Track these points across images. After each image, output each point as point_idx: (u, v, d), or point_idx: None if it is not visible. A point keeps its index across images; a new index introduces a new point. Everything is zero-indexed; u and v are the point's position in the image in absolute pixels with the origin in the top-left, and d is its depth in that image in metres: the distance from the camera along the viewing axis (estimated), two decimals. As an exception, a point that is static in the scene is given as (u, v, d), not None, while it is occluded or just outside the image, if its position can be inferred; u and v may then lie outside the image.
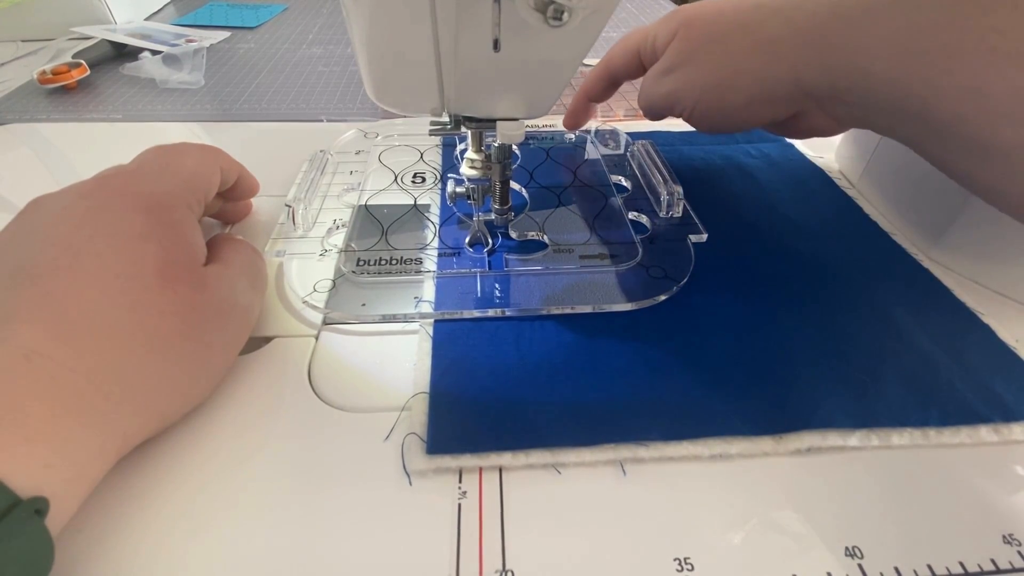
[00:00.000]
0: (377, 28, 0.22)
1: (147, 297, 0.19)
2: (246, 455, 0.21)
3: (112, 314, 0.18)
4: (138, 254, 0.19)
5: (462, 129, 0.26)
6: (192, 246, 0.22)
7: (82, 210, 0.20)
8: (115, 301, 0.18)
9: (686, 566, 0.18)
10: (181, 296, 0.20)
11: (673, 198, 0.32)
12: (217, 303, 0.21)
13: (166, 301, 0.19)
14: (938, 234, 0.30)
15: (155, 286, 0.19)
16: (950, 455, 0.21)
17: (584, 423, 0.21)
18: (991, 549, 0.18)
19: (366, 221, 0.32)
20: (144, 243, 0.20)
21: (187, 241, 0.22)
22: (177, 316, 0.19)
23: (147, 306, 0.19)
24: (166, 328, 0.19)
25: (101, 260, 0.19)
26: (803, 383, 0.23)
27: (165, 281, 0.19)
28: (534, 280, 0.28)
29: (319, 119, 0.46)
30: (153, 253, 0.20)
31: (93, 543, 0.18)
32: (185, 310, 0.20)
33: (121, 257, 0.19)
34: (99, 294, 0.18)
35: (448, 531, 0.19)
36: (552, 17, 0.18)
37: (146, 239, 0.20)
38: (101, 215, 0.20)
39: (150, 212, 0.21)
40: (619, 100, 0.50)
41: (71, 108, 0.46)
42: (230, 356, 0.23)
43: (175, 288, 0.20)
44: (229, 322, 0.22)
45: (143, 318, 0.19)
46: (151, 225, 0.20)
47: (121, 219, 0.20)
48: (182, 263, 0.21)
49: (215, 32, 0.63)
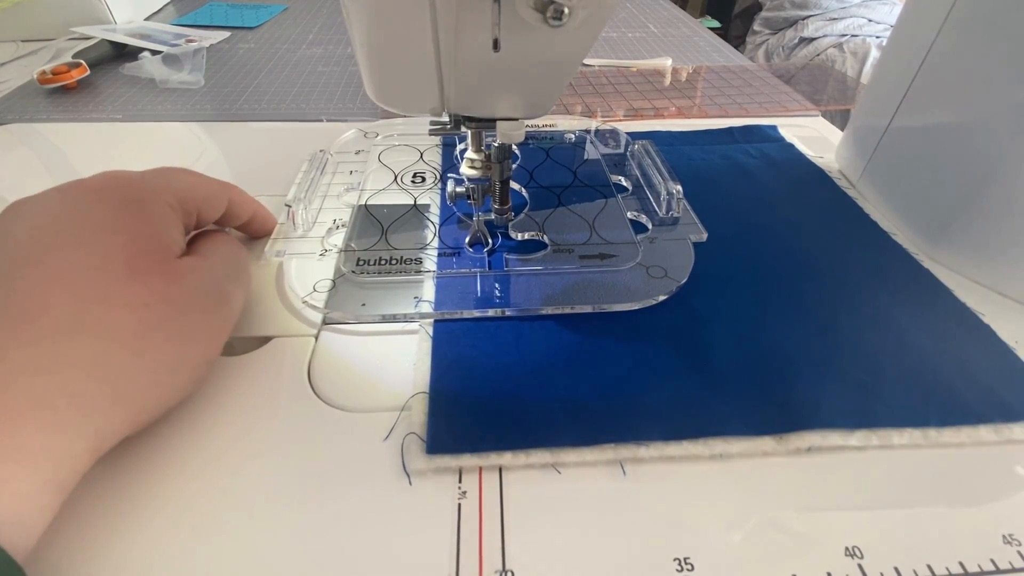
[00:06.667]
0: (377, 28, 0.22)
1: (114, 289, 0.18)
2: (245, 455, 0.21)
3: (76, 309, 0.18)
4: (106, 246, 0.19)
5: (462, 129, 0.26)
6: (165, 238, 0.21)
7: (55, 205, 0.20)
8: (80, 296, 0.18)
9: (686, 566, 0.18)
10: (151, 288, 0.19)
11: (673, 198, 0.32)
12: (192, 294, 0.21)
13: (133, 293, 0.19)
14: (938, 234, 0.30)
15: (123, 277, 0.19)
16: (950, 455, 0.21)
17: (584, 423, 0.21)
18: (991, 549, 0.18)
19: (366, 221, 0.32)
20: (113, 235, 0.19)
21: (159, 233, 0.21)
22: (147, 308, 0.19)
23: (114, 299, 0.18)
24: (135, 321, 0.18)
25: (68, 254, 0.18)
26: (803, 383, 0.23)
27: (134, 273, 0.19)
28: (534, 280, 0.28)
29: (319, 119, 0.46)
30: (122, 245, 0.19)
31: (92, 543, 0.18)
32: (156, 301, 0.19)
33: (89, 250, 0.19)
34: (63, 290, 0.18)
35: (448, 531, 0.19)
36: (552, 17, 0.18)
37: (116, 231, 0.20)
38: (72, 210, 0.20)
39: (123, 206, 0.21)
40: (619, 100, 0.50)
41: (71, 108, 0.46)
42: (211, 348, 0.22)
43: (144, 280, 0.19)
44: (208, 314, 0.21)
45: (109, 312, 0.18)
46: (122, 218, 0.20)
47: (92, 213, 0.20)
48: (153, 254, 0.20)
49: (215, 32, 0.63)
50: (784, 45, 1.53)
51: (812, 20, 1.49)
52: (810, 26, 1.48)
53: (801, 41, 1.49)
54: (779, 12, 1.57)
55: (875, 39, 1.40)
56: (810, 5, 1.50)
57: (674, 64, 0.56)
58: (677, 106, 0.49)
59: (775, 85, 0.53)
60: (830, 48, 1.43)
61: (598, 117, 0.46)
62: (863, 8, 1.46)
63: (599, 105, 0.49)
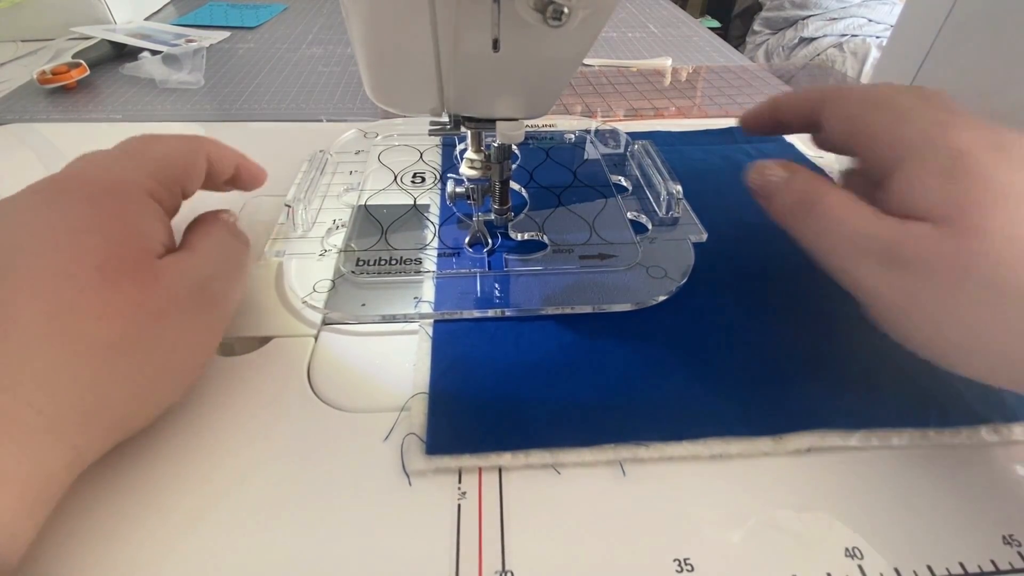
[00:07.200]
0: (376, 28, 0.22)
1: (86, 298, 0.17)
2: (244, 456, 0.21)
3: (45, 320, 0.17)
4: (78, 250, 0.18)
5: (462, 129, 0.26)
6: (142, 237, 0.20)
7: (28, 206, 0.19)
8: (50, 305, 0.17)
9: (686, 566, 0.18)
10: (124, 295, 0.18)
11: (673, 198, 0.32)
12: (172, 298, 0.19)
13: (104, 302, 0.18)
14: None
15: (95, 284, 0.18)
16: (950, 455, 0.21)
17: (584, 423, 0.21)
18: (991, 549, 0.18)
19: (366, 221, 0.32)
20: (86, 237, 0.18)
21: (136, 232, 0.20)
22: (120, 317, 0.18)
23: (83, 309, 0.17)
24: (106, 332, 0.17)
25: (36, 260, 0.18)
26: (803, 383, 0.23)
27: (105, 279, 0.18)
28: (534, 280, 0.28)
29: (319, 119, 0.46)
30: (94, 248, 0.18)
31: (90, 544, 0.18)
32: (130, 310, 0.18)
33: (58, 255, 0.18)
34: (30, 298, 0.17)
35: (448, 531, 0.19)
36: (552, 17, 0.18)
37: (89, 232, 0.18)
38: (46, 210, 0.19)
39: (98, 201, 0.19)
40: (619, 100, 0.50)
41: (71, 108, 0.46)
42: (199, 353, 0.21)
43: (117, 286, 0.18)
44: (192, 318, 0.20)
45: (80, 322, 0.17)
46: (97, 216, 0.19)
47: (65, 212, 0.19)
48: (128, 258, 0.19)
49: (215, 32, 0.63)
50: (784, 45, 1.53)
51: (812, 20, 1.49)
52: (810, 26, 1.49)
53: (801, 41, 1.49)
54: (779, 12, 1.57)
55: (875, 39, 1.40)
56: (810, 5, 1.50)
57: (674, 64, 0.56)
58: (677, 106, 0.49)
59: (775, 85, 0.53)
60: (830, 48, 1.43)
61: (598, 117, 0.46)
62: (863, 8, 1.46)
63: (599, 105, 0.49)
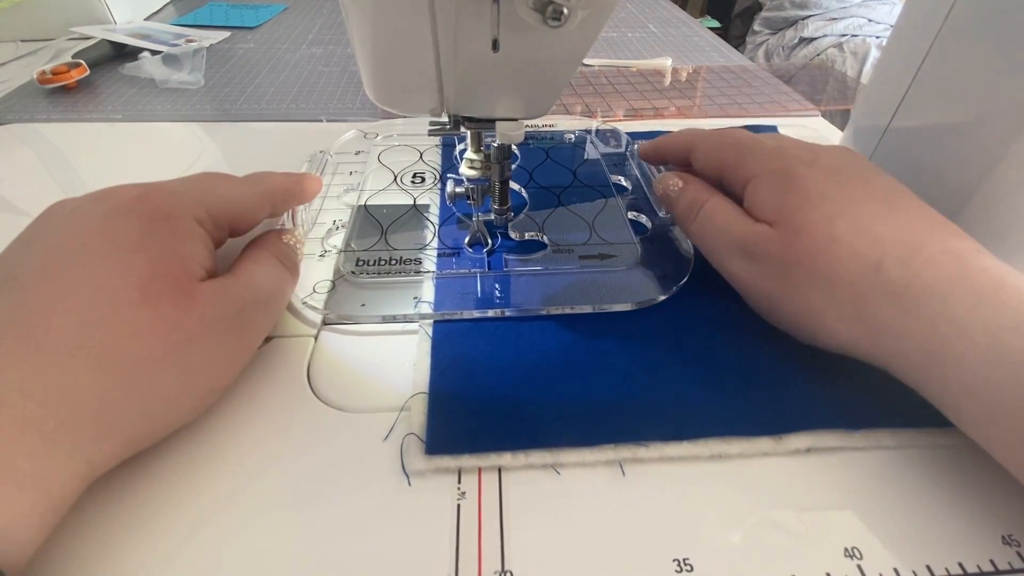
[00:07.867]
0: (376, 28, 0.22)
1: (123, 314, 0.18)
2: (244, 455, 0.21)
3: (80, 332, 0.17)
4: (124, 266, 0.18)
5: (461, 129, 0.26)
6: (186, 260, 0.20)
7: (85, 215, 0.20)
8: (87, 318, 0.17)
9: (685, 566, 0.18)
10: (162, 314, 0.18)
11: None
12: (207, 322, 0.20)
13: (143, 319, 0.18)
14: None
15: (134, 302, 0.18)
16: (950, 455, 0.21)
17: (584, 423, 0.21)
18: (990, 549, 0.18)
19: (365, 221, 0.32)
20: (133, 255, 0.19)
21: (181, 254, 0.20)
22: (154, 337, 0.18)
23: (120, 325, 0.18)
24: (138, 350, 0.18)
25: (84, 271, 0.18)
26: (802, 383, 0.23)
27: (145, 297, 0.18)
28: (534, 280, 0.28)
29: (319, 119, 0.46)
30: (140, 266, 0.19)
31: (89, 544, 0.18)
32: (165, 330, 0.18)
33: (105, 269, 0.18)
34: (71, 309, 0.17)
35: (447, 531, 0.19)
36: (551, 17, 0.18)
37: (137, 250, 0.19)
38: (101, 222, 0.19)
39: (151, 222, 0.20)
40: (619, 100, 0.50)
41: (71, 108, 0.46)
42: (220, 379, 0.21)
43: (156, 305, 0.18)
44: (222, 343, 0.20)
45: (113, 338, 0.17)
46: (146, 235, 0.19)
47: (119, 227, 0.19)
48: (169, 278, 0.19)
49: (215, 32, 0.63)
50: (784, 45, 1.53)
51: (812, 20, 1.49)
52: (810, 26, 1.48)
53: (801, 41, 1.49)
54: (779, 12, 1.57)
55: (875, 39, 1.40)
56: (810, 5, 1.50)
57: (674, 64, 0.56)
58: (677, 106, 0.49)
59: (775, 85, 0.53)
60: (830, 48, 1.43)
61: (598, 117, 0.46)
62: (863, 8, 1.46)
63: (599, 105, 0.49)
